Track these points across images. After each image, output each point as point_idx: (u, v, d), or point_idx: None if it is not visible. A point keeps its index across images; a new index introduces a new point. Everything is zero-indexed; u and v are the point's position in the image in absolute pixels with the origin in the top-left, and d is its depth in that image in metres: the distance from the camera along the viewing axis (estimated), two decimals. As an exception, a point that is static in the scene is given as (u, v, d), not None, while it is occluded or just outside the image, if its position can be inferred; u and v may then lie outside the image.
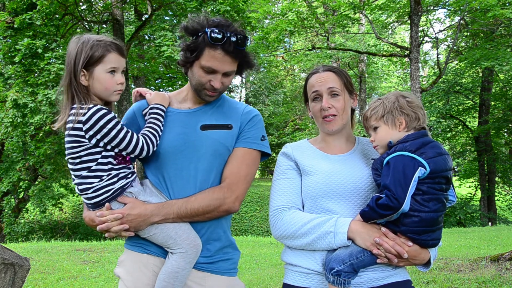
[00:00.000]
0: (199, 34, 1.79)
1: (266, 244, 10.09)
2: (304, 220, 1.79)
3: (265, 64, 25.68)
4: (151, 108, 1.88)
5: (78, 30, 14.87)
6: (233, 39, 1.76)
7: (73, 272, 6.36)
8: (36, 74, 12.02)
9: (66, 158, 1.78)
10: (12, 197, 15.83)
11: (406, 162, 1.65)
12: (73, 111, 1.71)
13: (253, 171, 1.92)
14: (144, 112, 1.91)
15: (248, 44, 1.84)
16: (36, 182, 15.51)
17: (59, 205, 15.77)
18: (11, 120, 12.20)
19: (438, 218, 1.69)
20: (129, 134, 1.74)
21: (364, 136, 2.16)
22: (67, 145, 1.74)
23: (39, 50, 11.08)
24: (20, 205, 15.94)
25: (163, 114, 1.87)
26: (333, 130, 1.93)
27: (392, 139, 1.77)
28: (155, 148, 1.81)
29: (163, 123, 1.86)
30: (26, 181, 14.94)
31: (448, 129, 21.53)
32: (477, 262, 5.22)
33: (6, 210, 15.84)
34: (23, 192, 15.02)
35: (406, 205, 1.60)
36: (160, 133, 1.84)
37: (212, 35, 1.75)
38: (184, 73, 1.97)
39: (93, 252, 7.96)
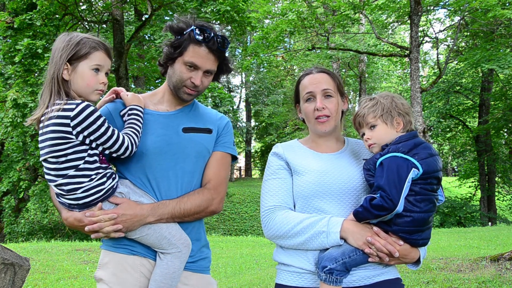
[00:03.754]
0: (184, 32, 1.86)
1: (266, 244, 10.09)
2: (296, 220, 1.80)
3: (265, 64, 25.65)
4: (131, 109, 1.86)
5: (78, 30, 14.86)
6: (217, 38, 1.86)
7: (73, 272, 6.36)
8: (36, 74, 12.03)
9: (44, 157, 1.70)
10: (12, 197, 15.82)
11: (400, 163, 1.67)
12: (56, 106, 1.66)
13: (229, 173, 2.07)
14: (122, 113, 1.90)
15: (228, 47, 1.93)
16: (36, 182, 15.50)
17: (60, 205, 15.75)
18: (11, 120, 12.19)
19: (429, 218, 1.73)
20: (115, 133, 1.73)
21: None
22: (47, 142, 1.67)
23: (39, 50, 11.08)
24: (20, 205, 15.94)
25: (142, 115, 1.87)
26: (325, 131, 1.95)
27: (389, 139, 1.80)
28: (136, 149, 1.81)
29: (142, 124, 1.87)
30: (26, 181, 14.93)
31: (448, 129, 21.54)
32: (477, 262, 5.22)
33: (6, 210, 15.83)
34: (23, 192, 15.01)
35: (400, 206, 1.64)
36: (140, 135, 1.84)
37: (199, 32, 1.83)
38: (161, 73, 2.01)
39: (93, 252, 7.96)
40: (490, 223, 17.04)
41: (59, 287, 5.63)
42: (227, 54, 1.97)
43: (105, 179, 1.73)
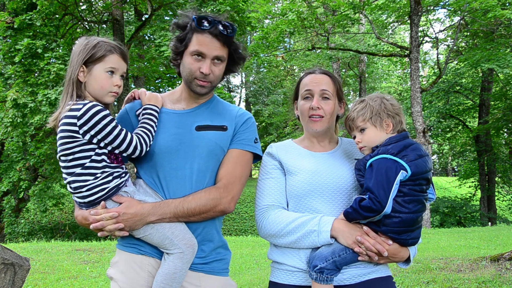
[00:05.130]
0: (187, 25, 1.85)
1: (266, 244, 10.08)
2: (289, 219, 1.83)
3: (265, 64, 25.65)
4: (145, 109, 1.87)
5: (78, 30, 14.88)
6: (220, 24, 1.82)
7: (73, 272, 6.36)
8: (36, 74, 12.02)
9: (58, 155, 1.75)
10: (12, 197, 15.82)
11: (389, 165, 1.69)
12: (67, 107, 1.71)
13: (247, 172, 1.95)
14: (137, 113, 1.91)
15: (235, 32, 1.87)
16: (36, 182, 15.49)
17: (60, 206, 15.77)
18: (11, 120, 12.19)
19: (418, 218, 1.75)
20: (123, 132, 1.73)
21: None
22: (59, 141, 1.71)
23: (39, 50, 11.07)
24: (20, 205, 15.93)
25: (156, 114, 1.87)
26: (317, 130, 1.97)
27: (379, 141, 1.81)
28: (148, 148, 1.81)
29: (156, 123, 1.86)
30: (26, 181, 14.93)
31: (448, 129, 21.54)
32: (477, 262, 5.22)
33: (6, 210, 15.83)
34: (23, 192, 15.01)
35: (388, 208, 1.66)
36: (153, 134, 1.83)
37: (199, 19, 1.81)
38: (177, 74, 1.98)
39: (93, 252, 7.95)
40: (490, 223, 17.03)
41: (59, 287, 5.62)
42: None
43: (110, 178, 1.74)
